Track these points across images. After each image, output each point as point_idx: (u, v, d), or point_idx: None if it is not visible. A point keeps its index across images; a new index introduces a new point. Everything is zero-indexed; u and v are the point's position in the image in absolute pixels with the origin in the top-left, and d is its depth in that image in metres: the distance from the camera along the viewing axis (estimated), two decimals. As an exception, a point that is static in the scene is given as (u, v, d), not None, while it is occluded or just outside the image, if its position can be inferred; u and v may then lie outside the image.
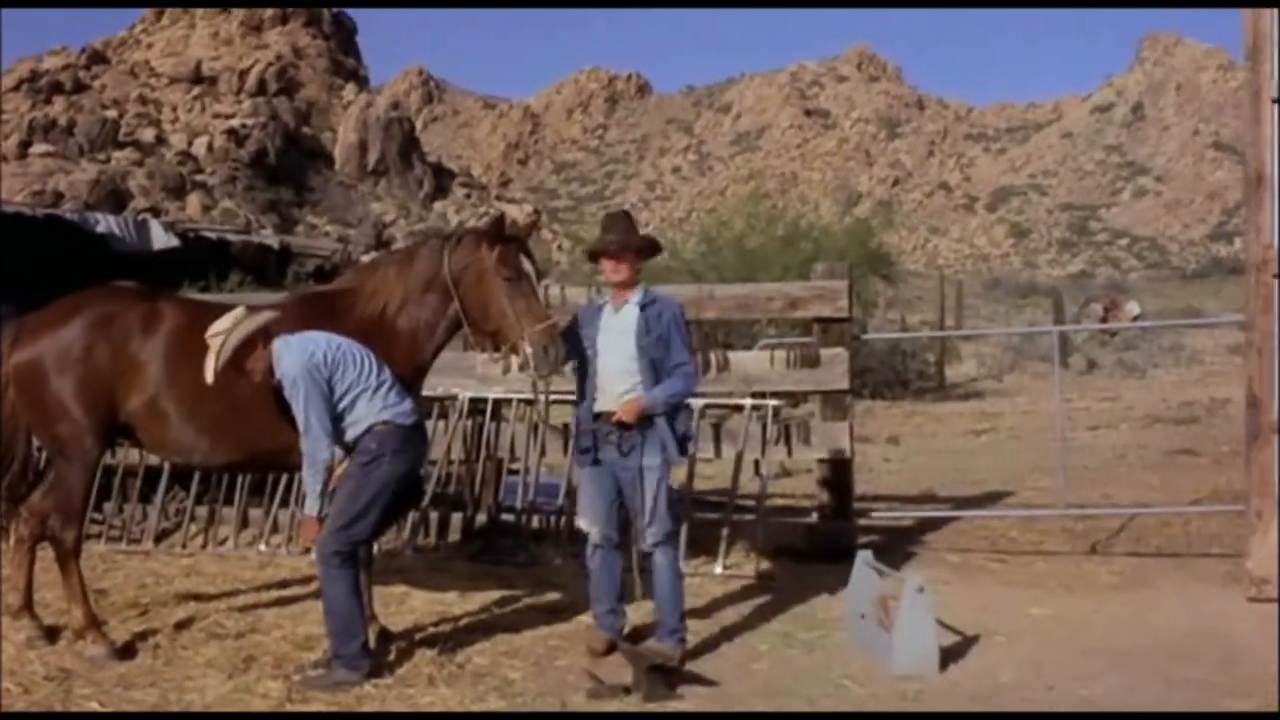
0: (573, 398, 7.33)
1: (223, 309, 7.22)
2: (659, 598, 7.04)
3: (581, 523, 7.21)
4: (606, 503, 7.04)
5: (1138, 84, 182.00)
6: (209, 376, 6.62)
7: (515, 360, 7.32)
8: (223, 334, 6.62)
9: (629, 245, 7.13)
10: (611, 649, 7.02)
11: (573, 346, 7.15)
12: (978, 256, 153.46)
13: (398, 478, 6.67)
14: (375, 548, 7.70)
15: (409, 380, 7.09)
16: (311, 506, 6.60)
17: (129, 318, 7.21)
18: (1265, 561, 8.18)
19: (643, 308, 7.03)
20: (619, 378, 6.96)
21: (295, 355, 6.56)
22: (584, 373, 7.15)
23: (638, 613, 7.47)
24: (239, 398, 6.94)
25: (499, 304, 7.07)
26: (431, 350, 7.40)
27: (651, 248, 7.44)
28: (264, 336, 6.69)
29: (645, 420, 6.89)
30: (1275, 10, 8.46)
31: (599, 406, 7.02)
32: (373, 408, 6.62)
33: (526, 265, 7.14)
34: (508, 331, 7.11)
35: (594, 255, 7.32)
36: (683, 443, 7.17)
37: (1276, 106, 8.46)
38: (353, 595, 6.59)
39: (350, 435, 6.63)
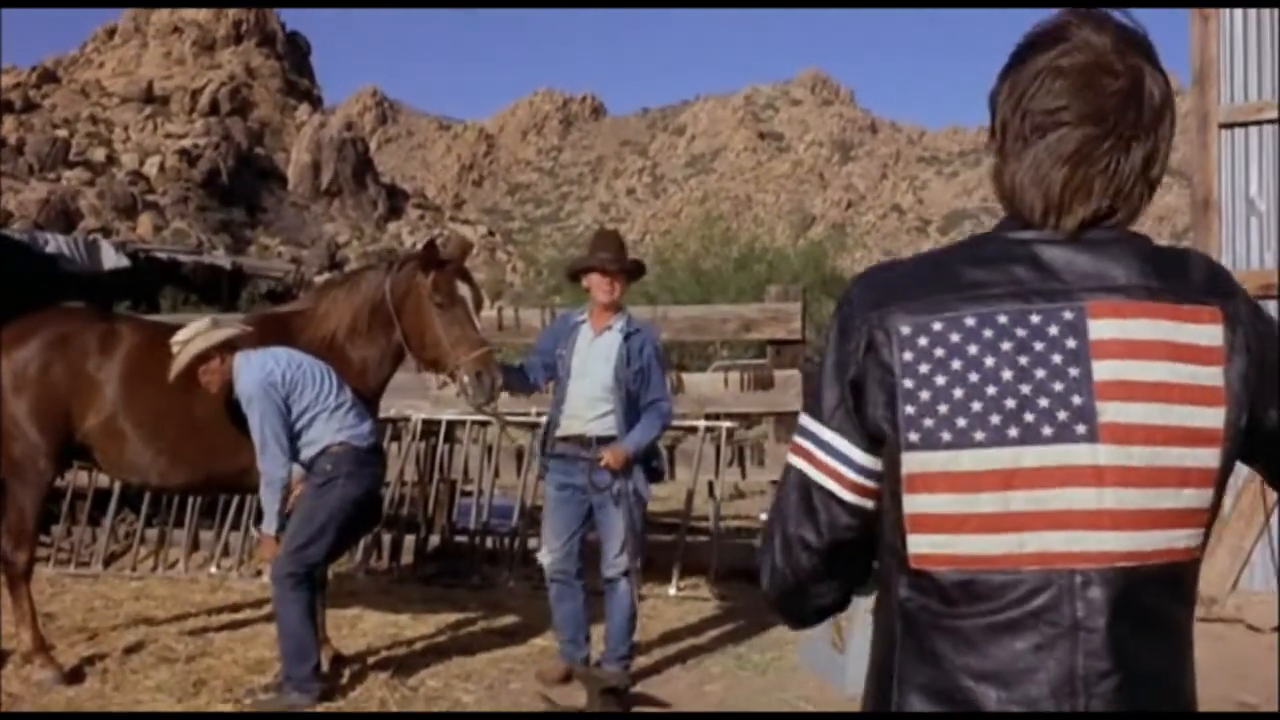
0: (525, 419, 7.22)
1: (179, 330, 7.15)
2: (614, 625, 6.86)
3: (541, 554, 7.00)
4: (570, 533, 6.84)
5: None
6: (170, 375, 6.57)
7: (453, 387, 7.21)
8: (188, 340, 6.58)
9: (623, 264, 6.89)
10: (568, 678, 6.87)
11: (536, 368, 7.05)
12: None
13: (353, 499, 6.60)
14: (329, 570, 7.65)
15: (363, 405, 7.04)
16: (269, 525, 6.53)
17: (86, 338, 7.16)
18: (1213, 581, 8.27)
19: (627, 337, 6.77)
20: (591, 404, 6.74)
21: (253, 372, 6.50)
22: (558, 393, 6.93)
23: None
24: (197, 418, 6.90)
25: (433, 331, 7.00)
26: (381, 377, 7.36)
27: (640, 270, 7.22)
28: (227, 350, 6.64)
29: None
30: (1221, 35, 8.59)
31: (566, 431, 6.81)
32: (329, 428, 6.56)
33: (462, 290, 7.04)
34: (443, 359, 7.03)
35: (581, 272, 6.96)
36: (654, 474, 7.04)
37: (1223, 132, 8.59)
38: (307, 618, 6.51)
39: (306, 455, 6.57)
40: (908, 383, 1.68)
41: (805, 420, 1.81)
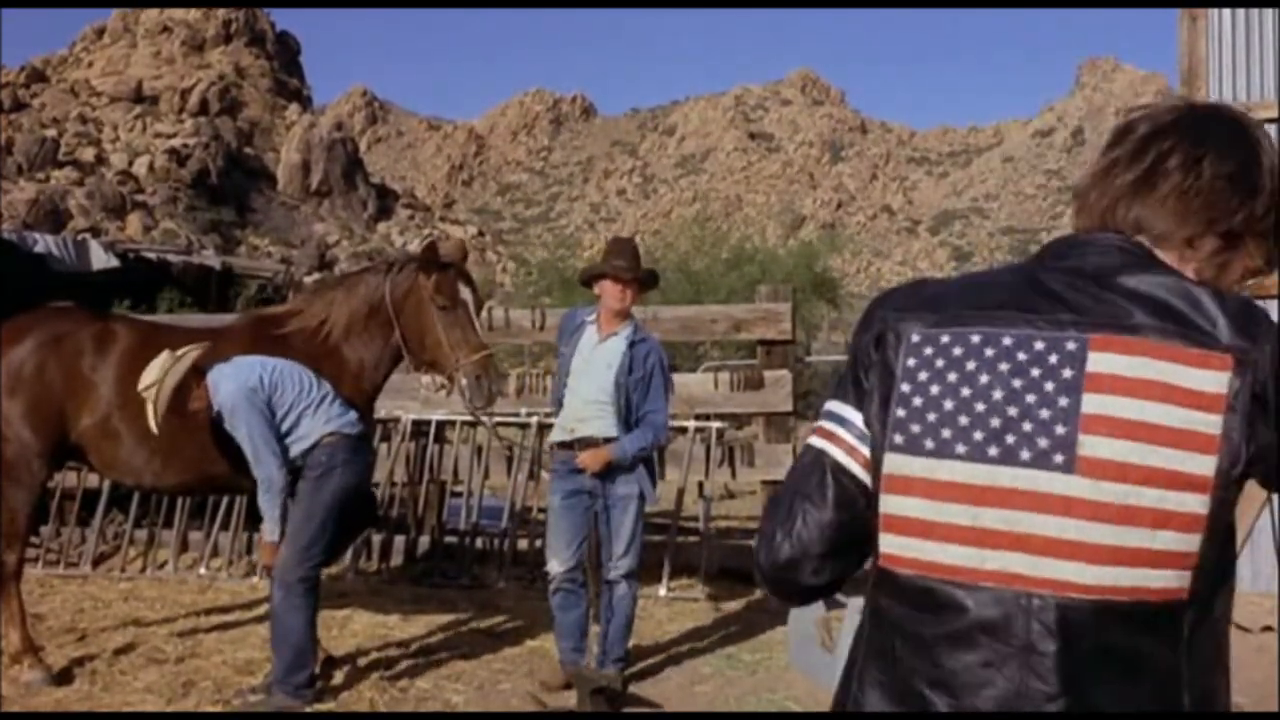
0: (514, 419, 7.18)
1: (175, 329, 7.09)
2: (612, 627, 6.83)
3: (550, 564, 6.91)
4: (576, 540, 6.80)
5: (1077, 109, 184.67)
6: (153, 428, 6.55)
7: (454, 389, 7.20)
8: (155, 385, 6.54)
9: (638, 273, 6.86)
10: (569, 686, 6.80)
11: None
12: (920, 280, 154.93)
13: (349, 488, 6.56)
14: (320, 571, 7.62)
15: (358, 407, 7.00)
16: (271, 531, 6.49)
17: (80, 337, 7.13)
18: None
19: (631, 345, 6.75)
20: (588, 407, 6.72)
21: (231, 383, 6.45)
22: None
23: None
24: (191, 418, 6.87)
25: (434, 333, 7.00)
26: (378, 379, 7.32)
27: (653, 280, 7.19)
28: (196, 375, 6.60)
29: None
30: (1210, 36, 8.61)
31: (563, 436, 6.81)
32: (317, 421, 6.52)
33: (464, 293, 7.04)
34: (443, 362, 7.03)
35: (594, 278, 6.94)
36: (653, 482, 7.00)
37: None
38: (310, 626, 6.45)
39: (297, 451, 6.50)
40: (904, 387, 1.77)
41: (830, 404, 1.91)
